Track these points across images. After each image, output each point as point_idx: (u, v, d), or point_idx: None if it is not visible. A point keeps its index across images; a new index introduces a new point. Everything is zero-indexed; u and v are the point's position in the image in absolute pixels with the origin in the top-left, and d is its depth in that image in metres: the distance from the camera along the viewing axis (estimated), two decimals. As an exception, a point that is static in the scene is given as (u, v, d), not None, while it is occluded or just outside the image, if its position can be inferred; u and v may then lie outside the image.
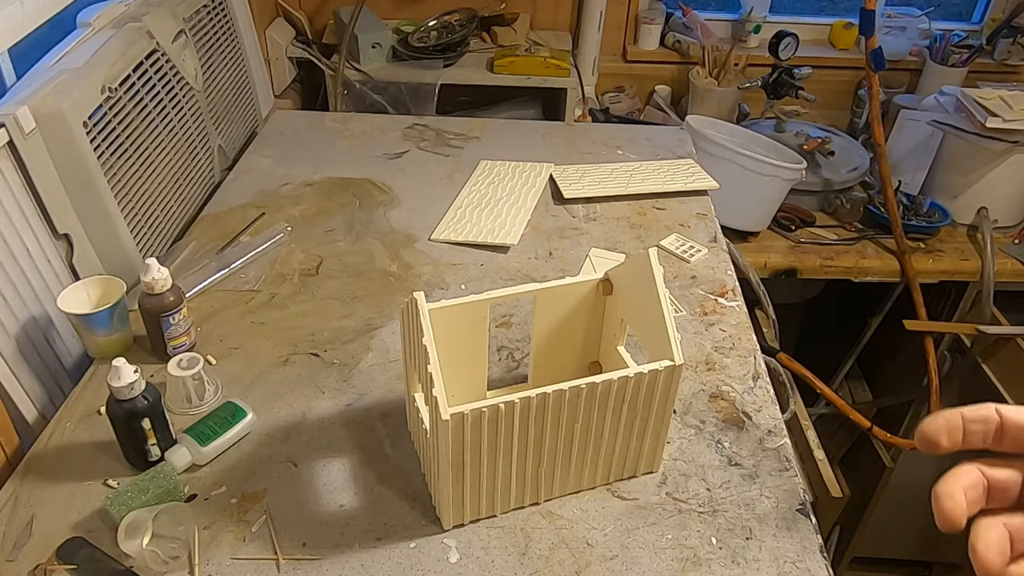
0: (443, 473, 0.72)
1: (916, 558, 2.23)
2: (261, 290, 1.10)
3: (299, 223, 1.25)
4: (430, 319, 0.71)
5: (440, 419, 0.67)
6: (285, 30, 2.02)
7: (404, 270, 1.15)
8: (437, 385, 0.68)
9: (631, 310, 0.82)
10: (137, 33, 1.16)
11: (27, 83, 1.01)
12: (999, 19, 2.12)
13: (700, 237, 1.24)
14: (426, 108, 1.91)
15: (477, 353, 0.85)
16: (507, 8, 2.09)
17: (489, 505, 0.79)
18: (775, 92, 1.92)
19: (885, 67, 1.66)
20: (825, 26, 2.26)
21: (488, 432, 0.70)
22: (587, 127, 1.66)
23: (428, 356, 0.70)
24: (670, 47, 2.18)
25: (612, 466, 0.81)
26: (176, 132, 1.24)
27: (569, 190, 1.32)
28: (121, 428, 0.81)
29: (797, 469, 0.86)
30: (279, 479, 0.83)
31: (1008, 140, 1.69)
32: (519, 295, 0.83)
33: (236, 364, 0.98)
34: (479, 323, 0.82)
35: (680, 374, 0.75)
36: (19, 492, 0.82)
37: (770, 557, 0.77)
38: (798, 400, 1.55)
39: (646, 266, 0.77)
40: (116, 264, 1.09)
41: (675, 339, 0.73)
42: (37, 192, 0.98)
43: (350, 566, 0.75)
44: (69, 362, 1.03)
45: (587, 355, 0.91)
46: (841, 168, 1.84)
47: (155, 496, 0.77)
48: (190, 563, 0.74)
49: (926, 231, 1.78)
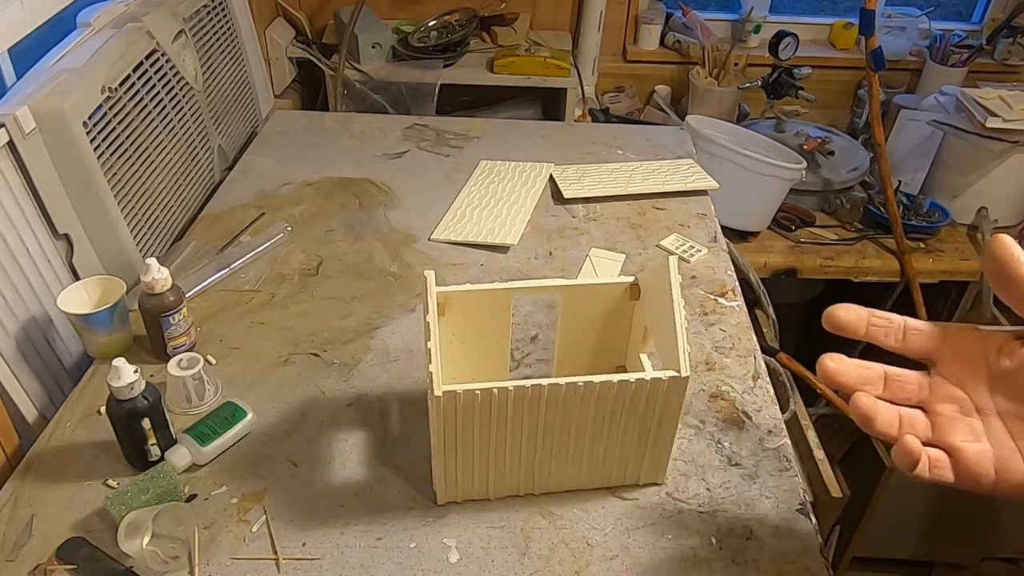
0: (436, 448, 0.74)
1: (916, 558, 2.23)
2: (261, 290, 1.10)
3: (299, 223, 1.25)
4: (452, 301, 0.72)
5: (432, 394, 0.69)
6: (285, 30, 2.02)
7: (404, 270, 1.15)
8: (434, 361, 0.70)
9: (652, 317, 0.82)
10: (137, 33, 1.16)
11: (27, 83, 1.01)
12: (999, 19, 2.12)
13: (700, 237, 1.24)
14: (426, 108, 1.91)
15: (498, 342, 0.85)
16: (507, 8, 2.09)
17: (482, 488, 0.79)
18: (775, 92, 1.92)
19: (885, 67, 1.66)
20: (825, 26, 2.27)
21: (480, 414, 0.71)
22: (587, 127, 1.66)
23: (430, 333, 0.72)
24: (670, 47, 2.18)
25: (612, 470, 0.81)
26: (176, 132, 1.24)
27: (569, 190, 1.32)
28: (121, 428, 0.81)
29: (797, 469, 0.86)
30: (279, 479, 0.83)
31: (1008, 140, 1.69)
32: (545, 290, 0.83)
33: (236, 364, 0.98)
34: (502, 312, 0.83)
35: (686, 386, 0.74)
36: (19, 492, 0.82)
37: (770, 557, 0.77)
38: (798, 400, 1.55)
39: (665, 275, 0.77)
40: (116, 264, 1.09)
41: (684, 351, 0.73)
42: (37, 192, 0.98)
43: (350, 566, 0.75)
44: (69, 362, 1.03)
45: (614, 359, 0.91)
46: (841, 168, 1.84)
47: (155, 496, 0.77)
48: (190, 563, 0.74)
49: (926, 231, 1.78)
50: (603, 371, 0.91)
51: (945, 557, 2.22)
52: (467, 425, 0.72)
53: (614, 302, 0.85)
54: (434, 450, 0.75)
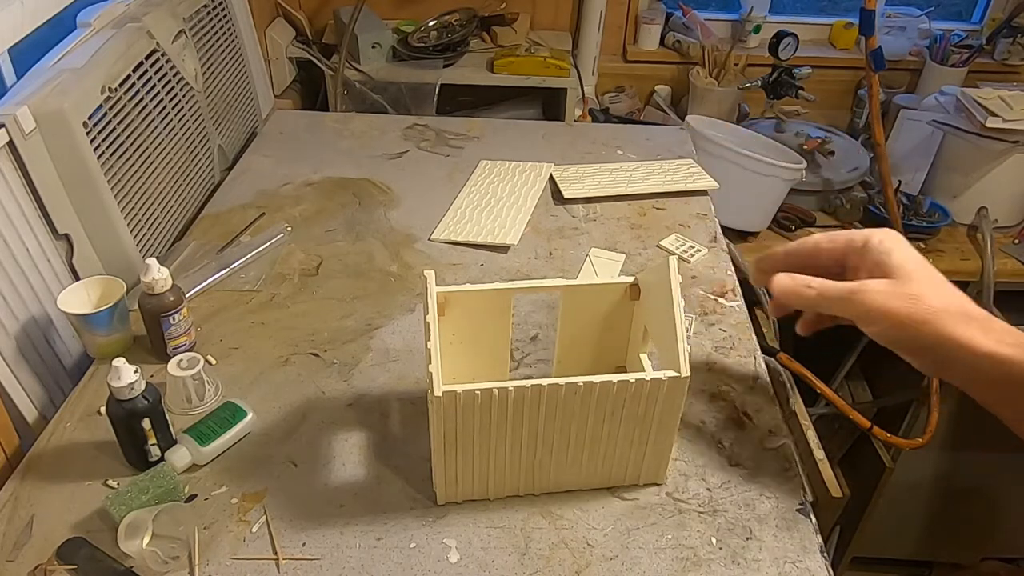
0: (435, 447, 0.74)
1: (916, 558, 2.23)
2: (261, 290, 1.10)
3: (299, 223, 1.25)
4: (452, 301, 0.72)
5: (432, 394, 0.69)
6: (285, 30, 2.02)
7: (404, 270, 1.15)
8: (434, 361, 0.70)
9: (652, 317, 0.82)
10: (137, 33, 1.16)
11: (27, 83, 1.01)
12: (999, 19, 2.12)
13: (700, 237, 1.24)
14: (426, 108, 1.91)
15: (498, 342, 0.85)
16: (507, 8, 2.09)
17: (482, 488, 0.79)
18: (775, 92, 1.92)
19: (885, 67, 1.66)
20: (825, 26, 2.26)
21: (480, 414, 0.71)
22: (587, 127, 1.66)
23: (430, 333, 0.72)
24: (670, 47, 2.18)
25: (612, 470, 0.81)
26: (176, 132, 1.24)
27: (569, 190, 1.32)
28: (121, 428, 0.81)
29: (797, 469, 0.86)
30: (279, 479, 0.83)
31: (1008, 140, 1.69)
32: (545, 289, 0.83)
33: (236, 364, 0.98)
34: (502, 312, 0.83)
35: (685, 387, 0.74)
36: (19, 492, 0.82)
37: (770, 557, 0.77)
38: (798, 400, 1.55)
39: (665, 275, 0.77)
40: (116, 264, 1.09)
41: (684, 351, 0.73)
42: (37, 192, 0.98)
43: (350, 566, 0.75)
44: (69, 362, 1.03)
45: (614, 359, 0.91)
46: (841, 168, 1.84)
47: (155, 496, 0.77)
48: (190, 563, 0.74)
49: (926, 231, 1.78)
50: (603, 371, 0.91)
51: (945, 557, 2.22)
52: (467, 425, 0.72)
53: (614, 302, 0.85)
54: (434, 450, 0.75)
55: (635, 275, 0.84)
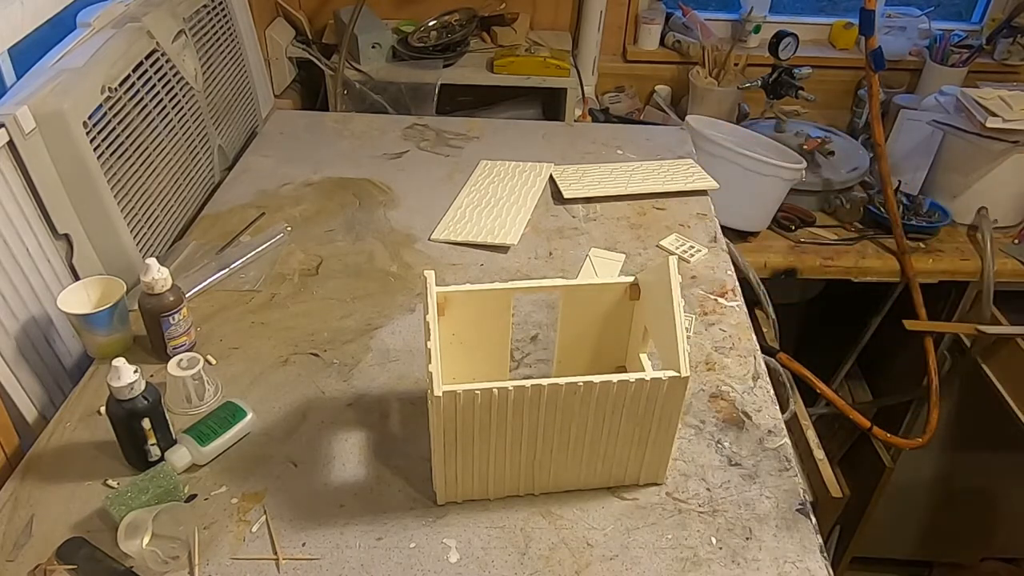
0: (435, 447, 0.74)
1: (916, 558, 2.23)
2: (261, 290, 1.10)
3: (299, 223, 1.25)
4: (452, 301, 0.72)
5: (432, 394, 0.69)
6: (285, 30, 2.02)
7: (404, 270, 1.15)
8: (434, 361, 0.70)
9: (652, 317, 0.82)
10: (137, 33, 1.16)
11: (27, 83, 1.01)
12: (999, 19, 2.12)
13: (700, 237, 1.24)
14: (426, 108, 1.91)
15: (498, 342, 0.85)
16: (507, 8, 2.09)
17: (482, 488, 0.79)
18: (775, 92, 1.92)
19: (885, 67, 1.66)
20: (825, 26, 2.26)
21: (480, 414, 0.71)
22: (587, 127, 1.66)
23: (430, 333, 0.72)
24: (670, 47, 2.18)
25: (612, 470, 0.81)
26: (176, 132, 1.24)
27: (569, 190, 1.32)
28: (121, 428, 0.81)
29: (797, 469, 0.86)
30: (279, 479, 0.83)
31: (1008, 140, 1.69)
32: (545, 289, 0.83)
33: (236, 364, 0.98)
34: (502, 312, 0.83)
35: (685, 387, 0.74)
36: (19, 492, 0.82)
37: (770, 557, 0.77)
38: (798, 400, 1.55)
39: (665, 275, 0.77)
40: (116, 264, 1.09)
41: (684, 351, 0.73)
42: (37, 192, 0.98)
43: (350, 566, 0.75)
44: (69, 362, 1.03)
45: (614, 359, 0.91)
46: (841, 168, 1.84)
47: (155, 496, 0.77)
48: (190, 563, 0.74)
49: (926, 231, 1.78)
50: (603, 371, 0.91)
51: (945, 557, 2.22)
52: (467, 425, 0.72)
53: (614, 302, 0.85)
54: (434, 450, 0.75)
55: (635, 275, 0.84)
